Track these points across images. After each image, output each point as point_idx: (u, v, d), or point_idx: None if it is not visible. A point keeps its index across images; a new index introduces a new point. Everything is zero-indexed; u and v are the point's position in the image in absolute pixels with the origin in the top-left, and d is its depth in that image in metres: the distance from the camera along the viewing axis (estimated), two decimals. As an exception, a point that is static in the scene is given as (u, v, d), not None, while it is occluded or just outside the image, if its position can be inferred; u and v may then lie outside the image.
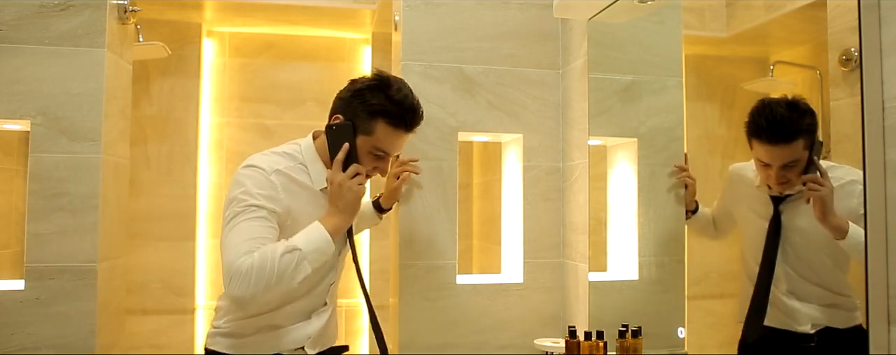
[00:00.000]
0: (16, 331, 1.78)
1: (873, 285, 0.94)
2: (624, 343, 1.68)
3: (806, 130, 1.30)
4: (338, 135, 1.44)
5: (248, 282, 1.24)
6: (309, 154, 1.49)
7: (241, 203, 1.33)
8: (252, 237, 1.29)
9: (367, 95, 1.43)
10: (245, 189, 1.34)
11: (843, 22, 1.21)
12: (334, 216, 1.41)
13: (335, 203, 1.42)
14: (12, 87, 1.81)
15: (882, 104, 0.94)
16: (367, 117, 1.43)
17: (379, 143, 1.45)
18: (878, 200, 0.93)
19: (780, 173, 1.33)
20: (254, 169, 1.39)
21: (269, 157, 1.43)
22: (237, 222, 1.31)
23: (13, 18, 1.82)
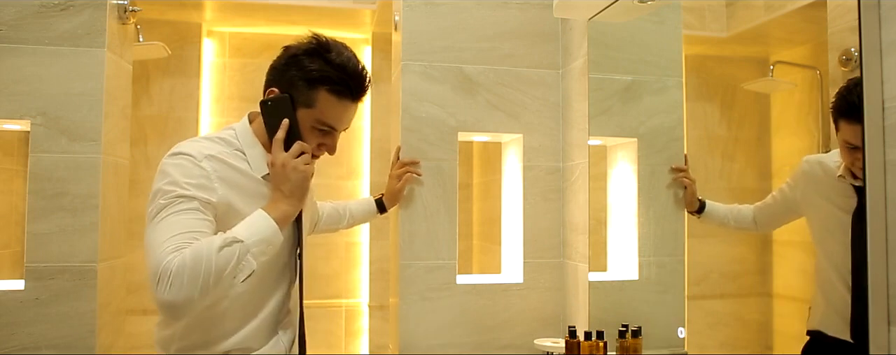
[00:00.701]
0: (16, 331, 1.78)
1: (873, 285, 0.94)
2: (624, 343, 1.68)
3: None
4: (275, 111, 1.25)
5: (180, 284, 1.04)
6: (245, 137, 1.29)
7: (167, 194, 1.14)
8: (181, 231, 1.10)
9: (305, 61, 1.25)
10: (171, 179, 1.15)
11: (843, 22, 1.21)
12: (280, 202, 1.23)
13: (280, 186, 1.24)
14: (12, 87, 1.81)
15: (882, 104, 0.94)
16: (307, 87, 1.25)
17: (322, 116, 1.27)
18: (878, 200, 0.93)
19: (853, 156, 1.21)
20: (181, 156, 1.19)
21: (198, 143, 1.24)
22: (163, 217, 1.12)
23: (13, 18, 1.82)
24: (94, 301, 1.82)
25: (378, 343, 3.09)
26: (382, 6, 2.72)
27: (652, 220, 1.85)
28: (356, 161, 3.19)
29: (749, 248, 1.62)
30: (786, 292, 1.50)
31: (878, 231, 0.93)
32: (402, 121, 1.97)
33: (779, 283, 1.53)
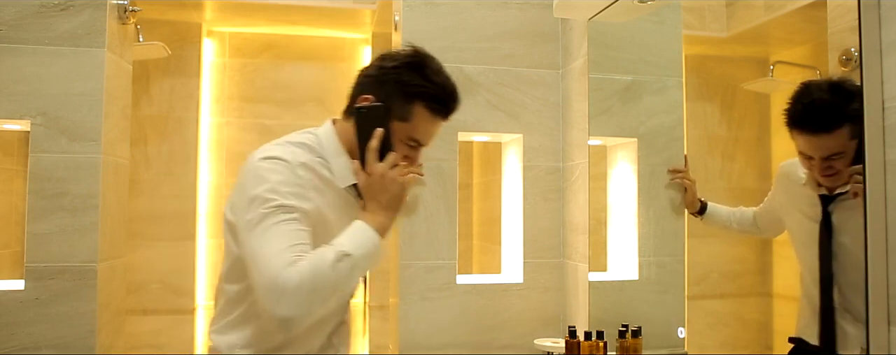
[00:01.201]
0: (16, 331, 1.78)
1: (873, 285, 0.94)
2: (624, 343, 1.68)
3: (851, 117, 1.12)
4: (368, 120, 1.20)
5: (299, 300, 1.02)
6: (330, 145, 1.24)
7: (269, 203, 1.09)
8: (291, 243, 1.06)
9: (405, 75, 1.21)
10: (270, 186, 1.11)
11: (843, 22, 1.21)
12: (378, 213, 1.17)
13: (377, 197, 1.18)
14: (12, 87, 1.81)
15: (882, 104, 0.94)
16: (404, 100, 1.20)
17: (414, 132, 1.22)
18: (878, 200, 0.93)
19: (825, 165, 1.20)
20: (277, 161, 1.14)
21: (288, 149, 1.19)
22: (268, 226, 1.07)
23: (13, 18, 1.82)
24: (94, 301, 1.82)
25: (378, 343, 3.10)
26: (382, 6, 2.71)
27: (652, 220, 1.85)
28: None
29: (749, 248, 1.62)
30: (786, 292, 1.50)
31: (878, 231, 0.93)
32: (402, 121, 1.97)
33: (779, 283, 1.53)
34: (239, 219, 1.13)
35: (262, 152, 1.17)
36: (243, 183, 1.14)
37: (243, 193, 1.13)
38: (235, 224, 1.16)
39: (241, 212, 1.12)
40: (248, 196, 1.11)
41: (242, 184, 1.15)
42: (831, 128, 1.18)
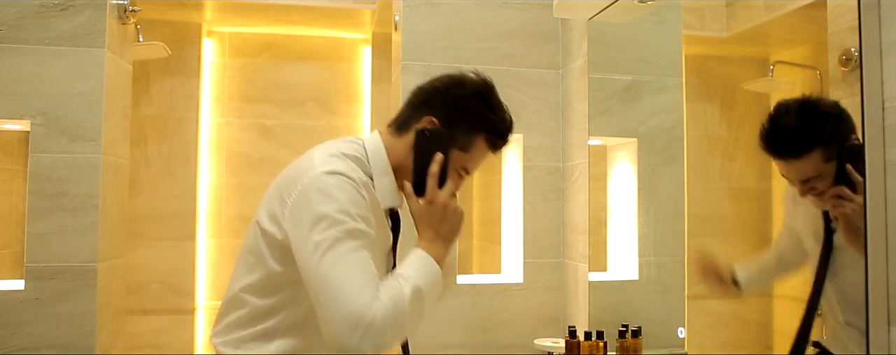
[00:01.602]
0: (16, 331, 1.78)
1: (873, 285, 0.94)
2: (624, 343, 1.68)
3: (823, 140, 1.12)
4: (430, 143, 1.14)
5: (383, 338, 0.97)
6: (378, 162, 1.16)
7: (341, 226, 1.02)
8: (368, 275, 1.01)
9: (474, 105, 1.16)
10: (340, 206, 1.03)
11: (843, 22, 1.21)
12: (436, 243, 1.12)
13: (436, 227, 1.13)
14: (12, 87, 1.81)
15: (882, 104, 0.94)
16: (469, 130, 1.16)
17: (469, 162, 1.18)
18: (878, 200, 0.93)
19: (804, 188, 1.17)
20: (343, 179, 1.06)
21: (348, 164, 1.11)
22: (344, 252, 1.01)
23: (13, 18, 1.82)
24: (94, 301, 1.82)
25: (378, 343, 3.09)
26: (382, 6, 2.71)
27: (652, 220, 1.85)
28: (356, 161, 3.19)
29: (749, 248, 1.62)
30: (786, 292, 1.50)
31: (879, 231, 0.93)
32: (402, 121, 1.97)
33: (779, 283, 1.53)
34: (298, 237, 1.04)
35: (323, 164, 1.08)
36: (305, 197, 1.05)
37: (305, 209, 1.04)
38: (283, 238, 1.08)
39: (300, 229, 1.04)
40: (313, 213, 1.03)
41: (302, 199, 1.06)
42: (800, 153, 1.16)
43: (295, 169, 1.14)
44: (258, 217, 1.15)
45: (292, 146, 3.12)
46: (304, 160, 1.14)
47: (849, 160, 1.11)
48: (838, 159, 1.12)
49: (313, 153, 1.14)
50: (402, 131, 1.17)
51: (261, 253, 1.13)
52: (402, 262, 1.09)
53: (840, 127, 1.13)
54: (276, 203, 1.11)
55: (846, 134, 1.12)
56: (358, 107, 3.20)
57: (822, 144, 1.13)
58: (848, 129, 1.12)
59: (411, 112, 1.18)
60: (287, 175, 1.14)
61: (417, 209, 1.15)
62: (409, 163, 1.15)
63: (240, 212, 3.07)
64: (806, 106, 1.18)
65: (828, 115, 1.14)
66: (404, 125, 1.17)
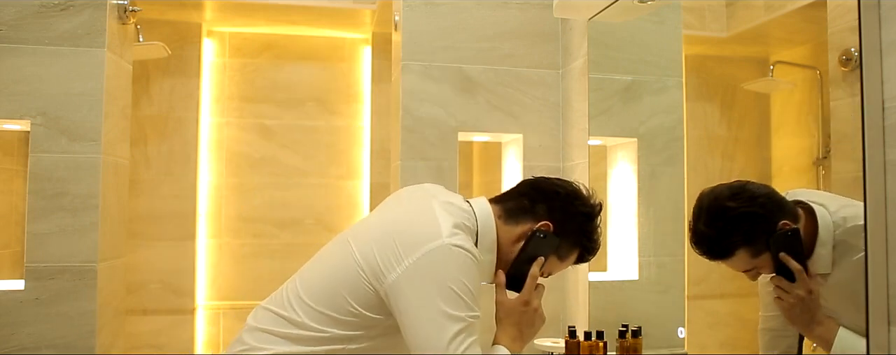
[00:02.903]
0: (16, 331, 1.78)
1: (873, 285, 0.93)
2: (624, 343, 1.68)
3: (743, 241, 1.11)
4: (539, 245, 1.18)
5: None
6: (485, 241, 1.17)
7: (470, 311, 1.04)
8: None
9: (587, 225, 1.21)
10: (470, 288, 1.05)
11: (843, 22, 1.21)
12: (518, 344, 1.17)
13: (523, 329, 1.18)
14: (12, 87, 1.81)
15: (882, 104, 0.94)
16: (572, 243, 1.21)
17: (556, 269, 1.23)
18: (878, 200, 0.93)
19: (751, 276, 1.18)
20: (470, 257, 1.07)
21: (469, 241, 1.11)
22: (468, 341, 1.03)
23: (13, 18, 1.82)
24: (94, 301, 1.82)
25: (378, 343, 3.09)
26: (382, 6, 2.71)
27: (652, 220, 1.85)
28: (356, 161, 3.19)
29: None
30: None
31: (879, 231, 0.93)
32: (402, 121, 1.97)
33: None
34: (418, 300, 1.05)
35: (451, 235, 1.07)
36: (434, 265, 1.05)
37: (433, 277, 1.05)
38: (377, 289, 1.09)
39: (421, 293, 1.05)
40: (438, 282, 1.04)
41: (429, 264, 1.05)
42: (723, 257, 1.15)
43: (413, 226, 1.12)
44: (354, 256, 1.13)
45: (292, 146, 3.12)
46: (426, 220, 1.12)
47: (782, 248, 1.10)
48: (770, 249, 1.11)
49: (434, 213, 1.12)
50: (511, 221, 1.19)
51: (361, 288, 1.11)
52: (491, 352, 1.13)
53: (759, 223, 1.11)
54: (387, 255, 1.09)
55: (772, 223, 1.10)
56: (358, 108, 3.20)
57: (743, 245, 1.12)
58: (773, 218, 1.10)
59: (527, 206, 1.20)
60: (402, 230, 1.11)
61: (506, 303, 1.18)
62: (508, 253, 1.18)
63: (240, 212, 3.07)
64: (717, 211, 1.15)
65: (742, 217, 1.12)
66: (515, 216, 1.20)
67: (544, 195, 1.21)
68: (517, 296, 1.18)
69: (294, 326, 1.13)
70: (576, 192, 1.23)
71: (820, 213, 1.12)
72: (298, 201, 3.11)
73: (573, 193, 1.22)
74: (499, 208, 1.21)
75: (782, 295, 1.13)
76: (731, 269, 1.19)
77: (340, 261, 1.15)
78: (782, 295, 1.13)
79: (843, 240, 1.09)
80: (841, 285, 1.09)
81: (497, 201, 1.23)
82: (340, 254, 1.16)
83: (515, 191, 1.24)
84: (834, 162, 1.28)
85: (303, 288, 1.17)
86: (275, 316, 1.16)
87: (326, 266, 1.19)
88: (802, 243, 1.11)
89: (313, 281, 1.17)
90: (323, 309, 1.12)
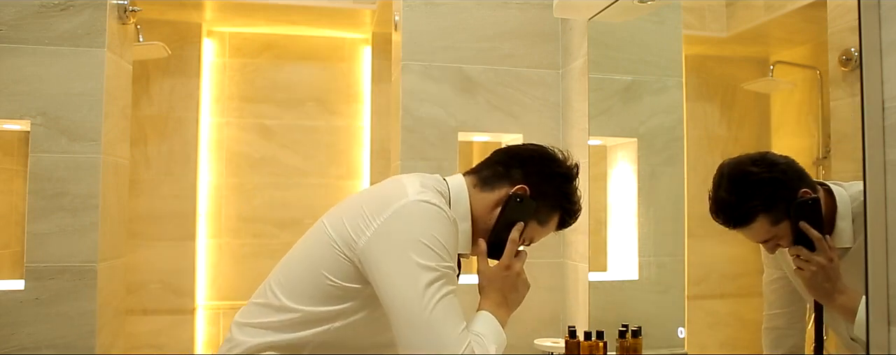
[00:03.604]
0: (16, 331, 1.78)
1: (873, 285, 0.93)
2: (624, 343, 1.68)
3: (763, 207, 1.11)
4: (516, 210, 1.16)
5: None
6: (461, 207, 1.16)
7: (441, 263, 1.03)
8: (462, 320, 1.04)
9: (564, 186, 1.20)
10: (439, 242, 1.03)
11: (843, 22, 1.21)
12: (503, 310, 1.15)
13: (506, 294, 1.16)
14: (12, 86, 1.81)
15: (882, 104, 0.94)
16: (551, 206, 1.19)
17: (538, 235, 1.22)
18: (878, 200, 0.93)
19: (768, 246, 1.17)
20: (440, 212, 1.06)
21: (439, 198, 1.09)
22: (441, 296, 1.02)
23: (13, 18, 1.82)
24: (94, 301, 1.82)
25: (378, 343, 3.09)
26: (382, 6, 2.71)
27: (652, 220, 1.85)
28: (356, 161, 3.19)
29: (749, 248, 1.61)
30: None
31: (879, 231, 0.93)
32: (402, 121, 1.97)
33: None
34: (389, 259, 1.03)
35: (418, 193, 1.07)
36: (401, 221, 1.04)
37: (401, 232, 1.04)
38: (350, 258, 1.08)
39: (392, 251, 1.03)
40: (411, 237, 1.03)
41: (396, 222, 1.04)
42: (744, 224, 1.15)
43: (381, 193, 1.12)
44: (326, 231, 1.12)
45: (292, 146, 3.12)
46: (393, 186, 1.12)
47: (802, 217, 1.10)
48: (790, 218, 1.10)
49: (401, 181, 1.12)
50: (487, 188, 1.18)
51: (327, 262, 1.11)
52: (474, 320, 1.12)
53: (780, 189, 1.11)
54: (356, 222, 1.08)
55: (792, 190, 1.10)
56: (358, 107, 3.20)
57: (763, 211, 1.11)
58: (793, 185, 1.10)
59: (502, 171, 1.18)
60: (370, 198, 1.11)
61: (487, 270, 1.17)
62: (486, 221, 1.17)
63: (240, 212, 3.07)
64: (739, 176, 1.16)
65: (763, 182, 1.12)
66: (490, 183, 1.18)
67: (518, 159, 1.20)
68: (498, 262, 1.17)
69: (275, 311, 1.13)
70: (551, 155, 1.22)
71: (836, 190, 1.12)
72: (298, 201, 3.11)
73: (548, 155, 1.22)
74: (473, 178, 1.20)
75: (802, 265, 1.11)
76: (749, 239, 1.18)
77: (314, 241, 1.15)
78: (802, 265, 1.11)
79: (861, 212, 1.09)
80: (862, 258, 1.09)
81: (471, 172, 1.22)
82: (314, 235, 1.16)
83: (489, 160, 1.23)
84: (834, 162, 1.28)
85: (282, 274, 1.17)
86: (258, 307, 1.17)
87: (301, 248, 1.19)
88: (823, 213, 1.10)
89: (290, 264, 1.18)
90: (301, 286, 1.12)
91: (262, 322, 1.14)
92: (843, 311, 1.08)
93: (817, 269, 1.09)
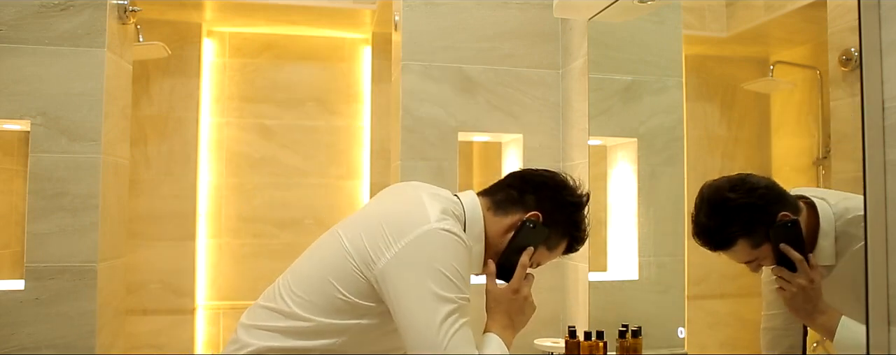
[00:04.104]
0: (16, 331, 1.78)
1: (873, 285, 0.93)
2: (624, 343, 1.68)
3: (743, 232, 1.13)
4: (528, 235, 1.19)
5: None
6: (473, 231, 1.18)
7: (459, 293, 1.05)
8: (475, 348, 1.06)
9: (576, 215, 1.22)
10: (456, 272, 1.05)
11: (843, 22, 1.21)
12: (509, 333, 1.18)
13: (513, 317, 1.19)
14: (12, 86, 1.81)
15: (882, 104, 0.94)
16: (562, 235, 1.22)
17: (546, 260, 1.25)
18: (878, 200, 0.93)
19: (752, 267, 1.18)
20: (459, 242, 1.08)
21: (458, 226, 1.11)
22: (459, 322, 1.03)
23: (13, 18, 1.82)
24: (94, 301, 1.82)
25: (378, 343, 3.09)
26: (382, 6, 2.71)
27: (652, 220, 1.85)
28: (356, 161, 3.19)
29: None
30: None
31: (878, 231, 0.93)
32: (402, 121, 1.97)
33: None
34: (408, 285, 1.05)
35: (439, 220, 1.08)
36: (421, 249, 1.06)
37: (422, 260, 1.05)
38: (368, 278, 1.09)
39: (411, 278, 1.05)
40: (427, 266, 1.05)
41: (417, 249, 1.06)
42: (724, 247, 1.16)
43: (402, 213, 1.13)
44: (343, 245, 1.13)
45: (292, 146, 3.12)
46: (414, 207, 1.13)
47: (782, 240, 1.11)
48: (770, 241, 1.12)
49: (422, 201, 1.13)
50: (500, 212, 1.20)
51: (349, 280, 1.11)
52: (484, 344, 1.13)
53: (759, 213, 1.12)
54: (376, 242, 1.09)
55: (771, 215, 1.11)
56: (358, 107, 3.20)
57: (743, 235, 1.13)
58: (772, 210, 1.11)
59: (516, 197, 1.21)
60: (391, 218, 1.12)
61: (495, 291, 1.19)
62: (498, 244, 1.19)
63: (240, 212, 3.07)
64: (718, 202, 1.17)
65: (741, 208, 1.14)
66: (504, 207, 1.20)
67: (533, 186, 1.22)
68: (507, 285, 1.20)
69: (284, 317, 1.14)
70: (563, 183, 1.24)
71: (820, 206, 1.13)
72: (298, 201, 3.11)
73: (561, 184, 1.24)
74: (487, 200, 1.22)
75: (784, 285, 1.13)
76: (734, 262, 1.19)
77: (330, 252, 1.15)
78: (784, 285, 1.13)
79: (845, 231, 1.10)
80: (844, 276, 1.09)
81: (485, 194, 1.24)
82: (330, 246, 1.17)
83: (504, 183, 1.25)
84: (834, 162, 1.28)
85: (293, 281, 1.17)
86: (267, 310, 1.17)
87: (316, 258, 1.20)
88: (803, 234, 1.11)
89: (303, 272, 1.18)
90: (312, 298, 1.12)
91: (271, 326, 1.15)
92: (823, 331, 1.09)
93: (798, 290, 1.10)
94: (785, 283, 1.12)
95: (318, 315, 1.12)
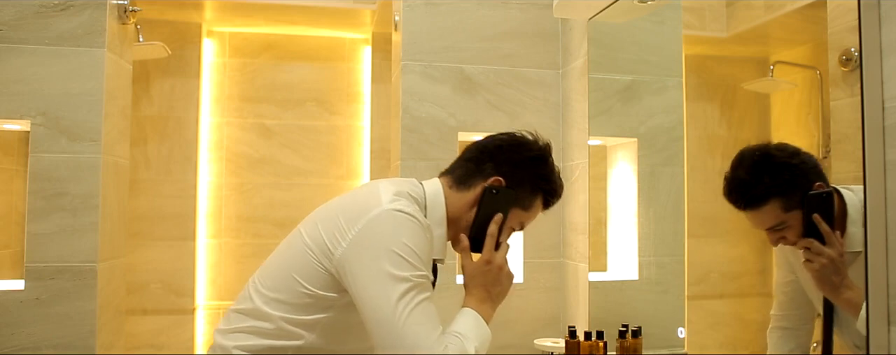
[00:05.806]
0: (16, 331, 1.78)
1: (873, 285, 0.94)
2: (624, 343, 1.68)
3: (779, 191, 1.11)
4: (493, 202, 1.16)
5: None
6: (435, 213, 1.17)
7: (415, 270, 1.04)
8: (437, 325, 1.04)
9: (540, 168, 1.20)
10: (412, 251, 1.04)
11: (843, 22, 1.21)
12: (487, 304, 1.16)
13: (489, 288, 1.16)
14: (12, 86, 1.81)
15: (882, 104, 0.94)
16: (531, 190, 1.19)
17: (527, 219, 1.22)
18: (878, 200, 0.93)
19: (773, 237, 1.16)
20: (414, 221, 1.07)
21: (413, 206, 1.10)
22: (417, 302, 1.02)
23: (13, 18, 1.82)
24: (94, 301, 1.82)
25: (378, 343, 3.09)
26: (382, 6, 2.71)
27: (652, 220, 1.85)
28: (356, 161, 3.19)
29: (749, 248, 1.62)
30: (786, 292, 1.50)
31: (879, 231, 0.93)
32: (402, 121, 1.97)
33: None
34: (363, 268, 1.05)
35: (391, 201, 1.08)
36: (374, 231, 1.06)
37: (375, 242, 1.05)
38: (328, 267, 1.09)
39: (366, 261, 1.05)
40: (384, 247, 1.04)
41: (370, 231, 1.06)
42: (756, 204, 1.15)
43: (356, 201, 1.12)
44: (302, 238, 1.13)
45: (292, 146, 3.12)
46: (368, 194, 1.13)
47: (815, 209, 1.10)
48: (803, 209, 1.11)
49: (377, 188, 1.13)
50: (462, 186, 1.19)
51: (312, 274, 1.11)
52: (456, 319, 1.11)
53: (798, 177, 1.13)
54: (332, 232, 1.09)
55: (808, 181, 1.11)
56: (358, 107, 3.20)
57: (778, 195, 1.12)
58: (810, 178, 1.12)
59: (474, 168, 1.19)
60: (346, 207, 1.12)
61: (469, 266, 1.17)
62: (467, 219, 1.17)
63: (240, 212, 3.07)
64: (759, 157, 1.18)
65: (783, 166, 1.14)
66: (465, 181, 1.19)
67: (489, 153, 1.20)
68: (479, 257, 1.17)
69: (253, 317, 1.14)
70: (520, 140, 1.22)
71: (847, 195, 1.12)
72: (298, 201, 3.11)
73: (517, 142, 1.22)
74: (448, 179, 1.21)
75: (812, 257, 1.11)
76: (754, 224, 1.18)
77: (290, 248, 1.16)
78: (812, 257, 1.11)
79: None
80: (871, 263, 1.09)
81: (445, 173, 1.24)
82: (291, 242, 1.17)
83: (461, 158, 1.24)
84: (834, 162, 1.27)
85: (260, 280, 1.18)
86: (237, 314, 1.18)
87: (278, 255, 1.20)
88: (835, 210, 1.11)
89: (267, 271, 1.19)
90: (276, 294, 1.13)
91: (242, 327, 1.15)
92: (849, 306, 1.08)
93: (827, 262, 1.09)
94: (813, 256, 1.10)
95: (285, 311, 1.12)
